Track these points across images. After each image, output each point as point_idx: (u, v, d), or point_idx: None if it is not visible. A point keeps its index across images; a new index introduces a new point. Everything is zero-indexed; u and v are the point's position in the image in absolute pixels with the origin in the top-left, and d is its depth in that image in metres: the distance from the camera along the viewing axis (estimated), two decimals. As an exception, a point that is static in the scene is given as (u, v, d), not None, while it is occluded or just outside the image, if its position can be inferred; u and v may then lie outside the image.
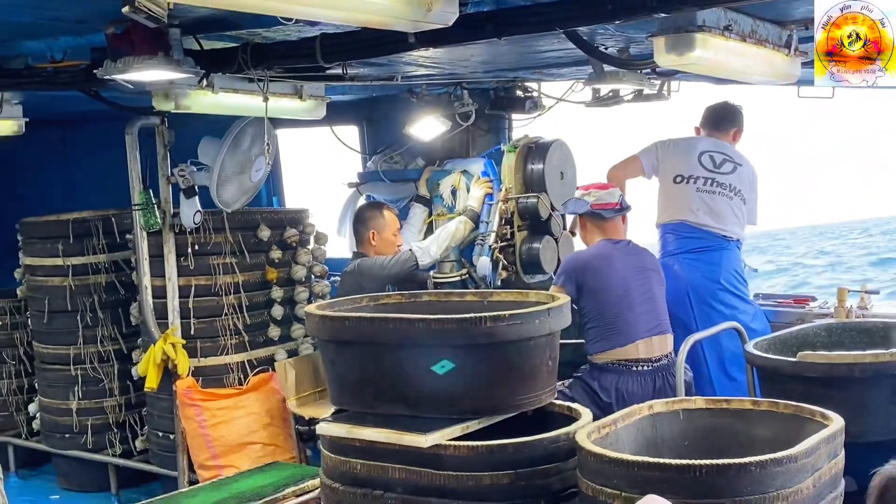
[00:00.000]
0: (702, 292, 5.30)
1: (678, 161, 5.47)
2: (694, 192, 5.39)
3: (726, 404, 4.01)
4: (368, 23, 2.42)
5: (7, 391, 6.77)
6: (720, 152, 5.44)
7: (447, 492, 3.66)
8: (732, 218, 5.35)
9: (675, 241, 5.46)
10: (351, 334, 4.04)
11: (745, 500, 3.10)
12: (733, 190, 5.34)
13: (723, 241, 5.35)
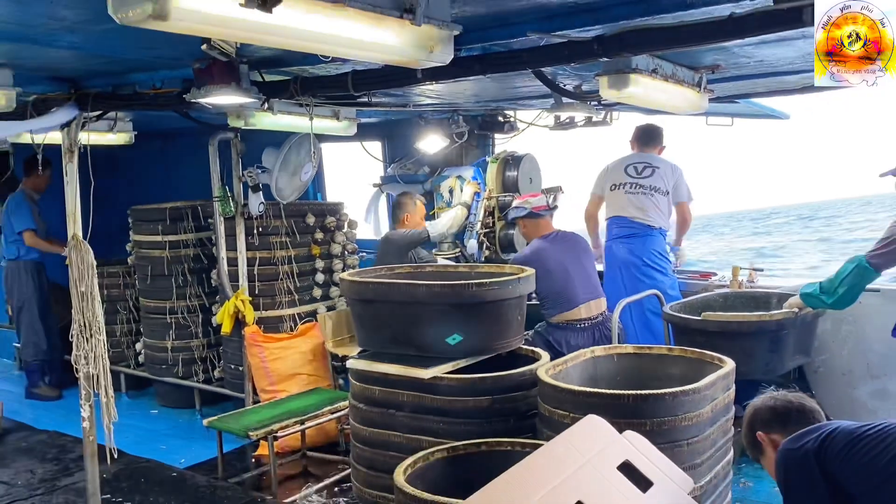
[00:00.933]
0: (630, 268, 5.30)
1: (612, 175, 5.48)
2: (623, 195, 5.39)
3: (649, 350, 4.00)
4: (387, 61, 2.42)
5: (120, 333, 6.77)
6: (642, 162, 5.43)
7: (442, 412, 3.67)
8: (654, 211, 5.31)
9: (613, 230, 5.47)
10: (372, 294, 4.03)
11: (660, 420, 3.11)
12: (654, 189, 5.31)
13: (647, 230, 5.32)
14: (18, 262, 6.61)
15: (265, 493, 4.49)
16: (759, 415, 2.86)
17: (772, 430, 2.79)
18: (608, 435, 2.28)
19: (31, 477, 4.75)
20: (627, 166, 5.44)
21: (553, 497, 1.91)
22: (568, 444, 2.20)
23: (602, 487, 2.04)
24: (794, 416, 3.17)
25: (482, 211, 5.91)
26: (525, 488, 1.91)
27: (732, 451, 3.63)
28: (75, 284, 3.65)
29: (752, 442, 2.87)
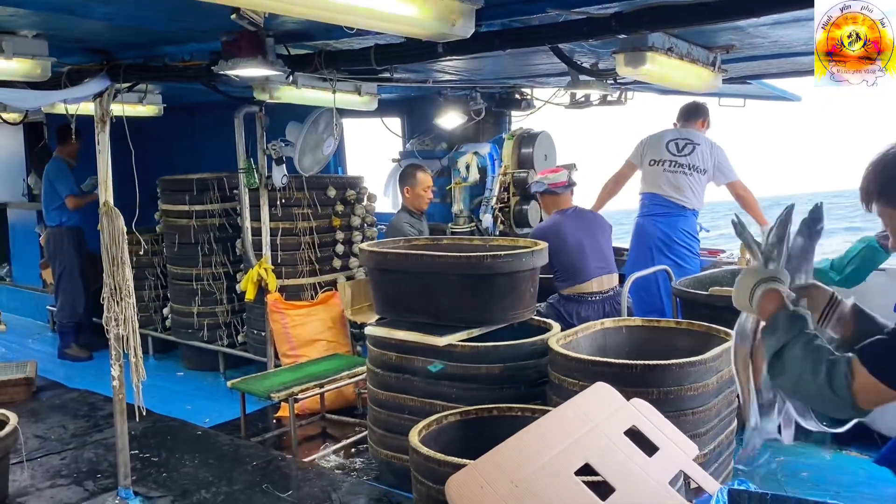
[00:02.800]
0: (660, 245, 5.20)
1: (652, 149, 5.30)
2: (661, 172, 5.24)
3: (657, 323, 3.99)
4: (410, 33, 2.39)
5: (148, 298, 6.81)
6: (683, 138, 5.25)
7: (455, 377, 3.68)
8: (690, 191, 5.17)
9: (647, 206, 5.32)
10: (390, 264, 4.04)
11: (667, 390, 3.11)
12: (693, 167, 5.15)
13: (681, 210, 5.20)
14: (61, 229, 6.65)
15: (285, 453, 4.52)
16: None
17: None
18: (616, 401, 2.28)
19: (63, 432, 4.82)
20: (669, 142, 5.26)
21: (562, 458, 1.91)
22: (577, 408, 2.20)
23: (609, 451, 2.04)
24: None
25: (497, 187, 5.87)
26: (535, 449, 1.91)
27: (735, 421, 3.62)
28: (107, 250, 3.67)
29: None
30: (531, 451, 1.89)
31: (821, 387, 1.65)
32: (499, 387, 3.62)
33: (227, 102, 5.44)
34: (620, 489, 1.93)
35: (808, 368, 1.67)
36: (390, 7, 2.08)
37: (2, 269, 8.99)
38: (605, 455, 2.00)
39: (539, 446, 1.93)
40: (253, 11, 2.35)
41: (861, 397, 1.61)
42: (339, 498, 3.83)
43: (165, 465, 4.23)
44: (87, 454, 4.44)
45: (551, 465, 1.88)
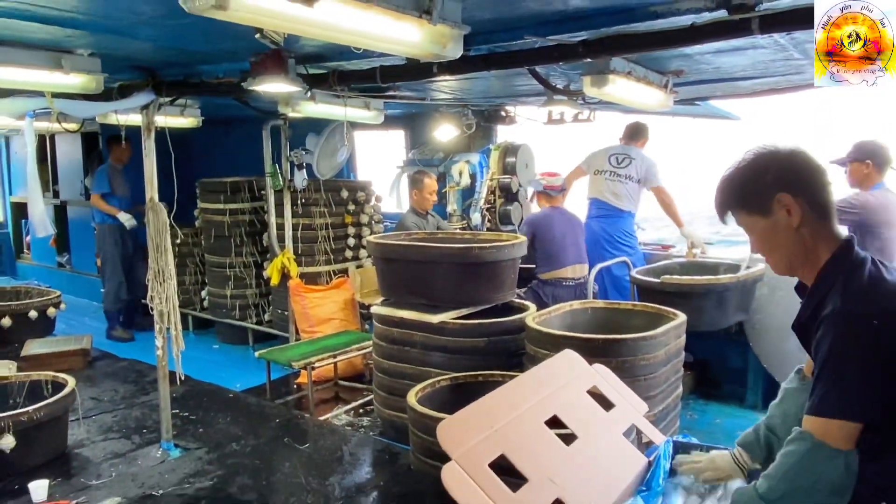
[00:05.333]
0: (604, 241, 5.28)
1: (598, 161, 5.41)
2: (603, 181, 5.34)
3: (617, 305, 4.02)
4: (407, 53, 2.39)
5: (189, 283, 6.82)
6: (623, 153, 5.35)
7: (447, 349, 3.70)
8: (627, 198, 5.25)
9: (593, 210, 5.43)
10: (393, 254, 4.06)
11: (623, 359, 3.13)
12: (628, 177, 5.25)
13: (619, 212, 5.28)
14: (104, 226, 6.61)
15: (304, 412, 4.54)
16: (797, 165, 1.58)
17: (811, 204, 1.56)
18: (581, 366, 2.29)
19: (114, 394, 4.81)
20: (611, 156, 5.37)
21: (534, 410, 1.92)
22: (548, 370, 2.21)
23: (573, 405, 2.06)
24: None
25: (485, 190, 5.89)
26: (512, 402, 1.92)
27: (681, 387, 3.64)
28: (152, 239, 3.67)
29: (756, 196, 1.59)
30: (509, 403, 1.91)
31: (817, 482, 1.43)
32: (483, 357, 3.64)
33: (256, 117, 5.45)
34: (582, 437, 1.95)
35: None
36: (390, 31, 2.09)
37: (62, 258, 8.97)
38: (570, 409, 2.02)
39: (516, 400, 1.94)
40: (274, 32, 2.35)
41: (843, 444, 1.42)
42: (348, 450, 3.84)
43: (202, 422, 4.24)
44: (135, 413, 4.44)
45: (525, 415, 1.90)
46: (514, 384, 2.05)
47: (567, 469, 1.80)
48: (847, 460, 1.41)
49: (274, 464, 3.65)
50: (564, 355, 2.30)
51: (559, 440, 1.88)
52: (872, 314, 1.42)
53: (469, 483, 1.60)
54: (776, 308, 4.45)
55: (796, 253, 1.57)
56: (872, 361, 1.40)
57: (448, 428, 1.72)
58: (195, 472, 3.55)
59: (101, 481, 3.47)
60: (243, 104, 4.25)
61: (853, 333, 1.42)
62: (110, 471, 3.59)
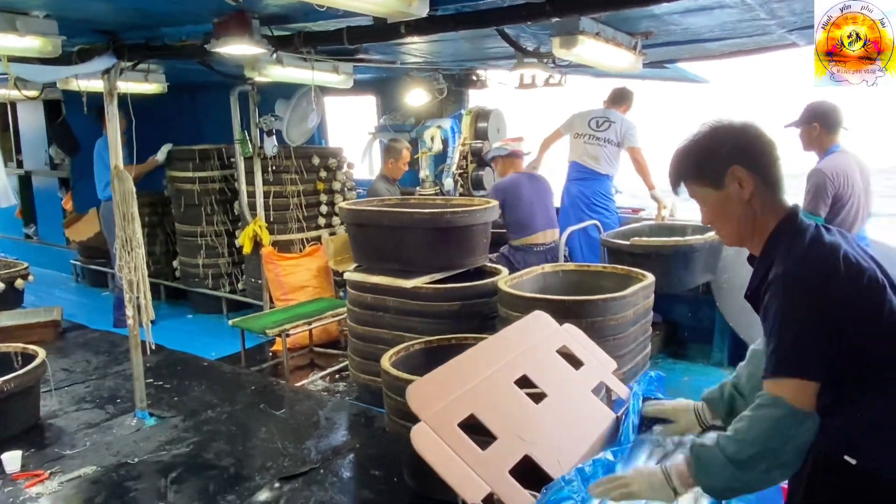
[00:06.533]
0: (582, 204, 5.27)
1: (578, 124, 5.35)
2: (582, 144, 5.29)
3: (588, 267, 4.04)
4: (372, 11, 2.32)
5: (159, 252, 6.71)
6: (603, 117, 5.30)
7: (421, 313, 3.70)
8: (605, 160, 5.22)
9: (571, 172, 5.39)
10: (366, 220, 4.02)
11: (593, 320, 3.16)
12: (607, 140, 5.21)
13: (597, 175, 5.25)
14: (111, 202, 6.32)
15: (279, 379, 4.54)
16: (750, 139, 1.60)
17: (763, 177, 1.59)
18: (550, 326, 2.31)
19: (87, 365, 4.76)
20: (591, 119, 5.31)
21: (504, 370, 1.94)
22: (518, 332, 2.23)
23: (543, 365, 2.08)
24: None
25: (457, 156, 5.85)
26: (483, 362, 1.94)
27: (650, 346, 3.71)
28: (118, 207, 3.59)
29: (710, 168, 1.61)
30: (479, 365, 1.92)
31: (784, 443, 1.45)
32: (457, 321, 3.65)
33: (224, 82, 5.31)
34: (551, 395, 1.97)
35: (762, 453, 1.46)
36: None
37: (29, 229, 8.76)
38: (539, 368, 2.04)
39: (486, 360, 1.96)
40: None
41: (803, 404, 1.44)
42: (324, 414, 3.86)
43: (176, 391, 4.22)
44: (108, 383, 4.41)
45: (495, 375, 1.91)
46: (483, 346, 2.07)
47: (536, 426, 1.83)
48: (814, 421, 1.45)
49: (250, 430, 3.66)
50: (534, 316, 2.32)
51: (528, 399, 1.90)
52: (812, 276, 1.45)
53: (438, 442, 1.61)
54: (742, 268, 4.52)
55: (746, 224, 1.61)
56: (816, 320, 1.44)
57: (418, 389, 1.73)
58: (171, 439, 3.55)
59: (76, 451, 3.45)
60: (208, 68, 4.13)
61: (796, 295, 1.46)
62: (84, 440, 3.57)
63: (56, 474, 3.21)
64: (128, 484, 3.10)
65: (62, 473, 3.21)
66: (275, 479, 3.08)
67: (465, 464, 1.60)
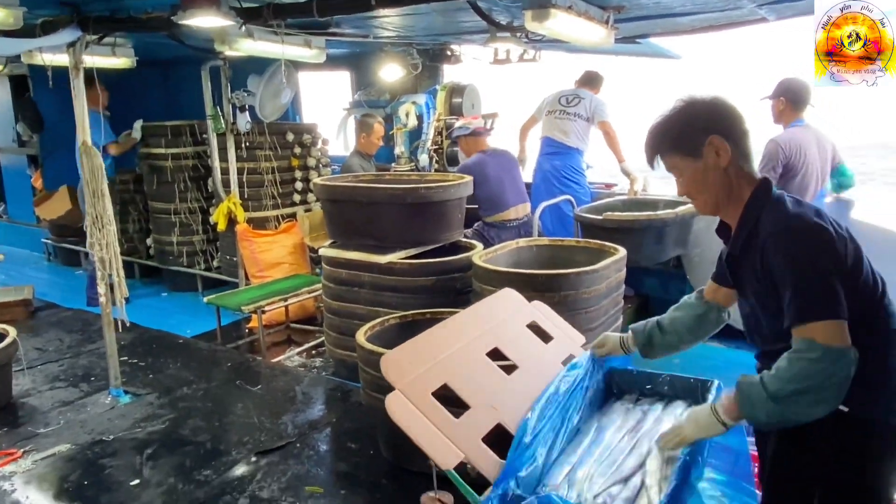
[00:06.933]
0: (553, 179, 5.32)
1: (549, 103, 5.41)
2: (553, 119, 5.34)
3: (561, 242, 4.05)
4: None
5: (133, 230, 6.59)
6: (574, 94, 5.36)
7: (395, 289, 3.70)
8: (575, 135, 5.27)
9: (544, 147, 5.43)
10: (339, 195, 3.99)
11: (565, 294, 3.17)
12: (577, 115, 5.26)
13: (567, 149, 5.29)
14: None
15: (256, 355, 4.52)
16: (724, 111, 1.68)
17: (737, 147, 1.66)
18: (520, 302, 2.33)
19: (60, 344, 4.70)
20: (561, 97, 5.38)
21: (476, 343, 1.95)
22: (489, 307, 2.24)
23: (513, 339, 2.10)
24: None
25: (432, 131, 5.81)
26: (455, 335, 1.95)
27: (622, 319, 3.74)
28: (87, 183, 3.52)
29: (689, 139, 1.67)
30: (452, 337, 1.93)
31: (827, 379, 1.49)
32: (432, 296, 3.64)
33: (196, 57, 5.19)
34: (521, 367, 2.00)
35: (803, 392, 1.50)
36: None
37: (-2, 208, 8.57)
38: (510, 342, 2.06)
39: (458, 334, 1.97)
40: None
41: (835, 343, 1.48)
42: (301, 389, 3.86)
43: (151, 368, 4.19)
44: (82, 361, 4.35)
45: (468, 347, 1.93)
46: (456, 319, 2.08)
47: (507, 396, 1.85)
48: (850, 356, 1.49)
49: (226, 406, 3.65)
50: (504, 293, 2.33)
51: (500, 370, 1.92)
52: (816, 229, 1.54)
53: (412, 410, 1.62)
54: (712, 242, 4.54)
55: (723, 192, 1.69)
56: (828, 264, 1.51)
57: (391, 360, 1.74)
58: (146, 416, 3.53)
59: (50, 429, 3.42)
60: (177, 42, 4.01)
61: (806, 244, 1.53)
62: (58, 419, 3.53)
63: (30, 453, 3.17)
64: (103, 461, 3.08)
65: (36, 452, 3.18)
66: (251, 454, 3.08)
67: (439, 431, 1.62)
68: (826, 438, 1.58)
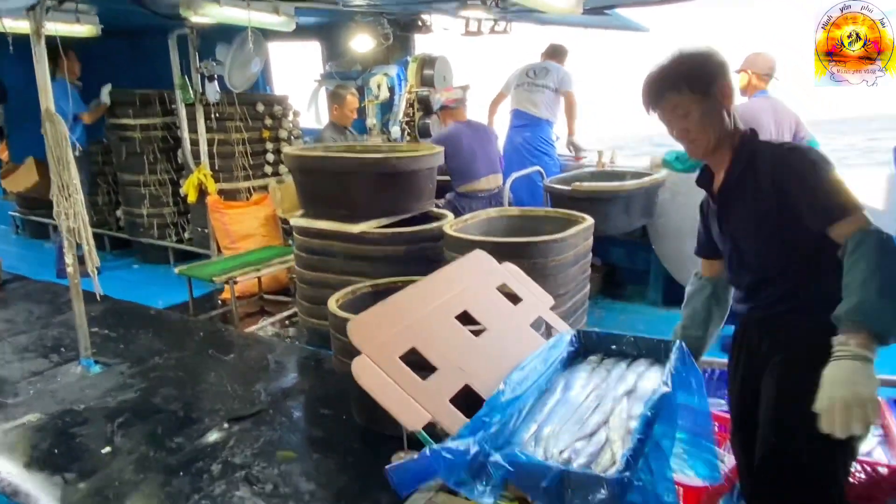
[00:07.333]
0: (523, 150, 5.32)
1: (517, 77, 5.40)
2: (522, 92, 5.34)
3: (531, 212, 4.06)
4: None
5: (102, 203, 6.44)
6: (540, 66, 5.37)
7: (367, 258, 3.68)
8: (544, 106, 5.27)
9: (514, 120, 5.42)
10: (311, 166, 3.93)
11: (534, 261, 3.19)
12: (544, 86, 5.26)
13: (537, 121, 5.30)
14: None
15: (228, 325, 4.47)
16: (724, 59, 1.74)
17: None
18: (491, 264, 2.32)
19: (29, 315, 4.59)
20: (529, 70, 5.39)
21: (445, 306, 1.94)
22: (459, 269, 2.23)
23: (483, 301, 2.09)
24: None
25: (404, 103, 5.73)
26: (424, 298, 1.93)
27: (589, 286, 3.77)
28: (51, 151, 3.40)
29: (702, 78, 1.70)
30: (421, 300, 1.92)
31: None
32: (403, 265, 3.62)
33: (163, 26, 5.02)
34: (491, 329, 1.99)
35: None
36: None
37: (-37, 181, 8.25)
38: (479, 304, 2.05)
39: (427, 296, 1.95)
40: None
41: None
42: (274, 358, 3.83)
43: (123, 339, 4.12)
44: (52, 332, 4.26)
45: (437, 310, 1.91)
46: (425, 283, 2.06)
47: (475, 358, 1.84)
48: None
49: (199, 375, 3.60)
50: (474, 255, 2.32)
51: (468, 332, 1.91)
52: (808, 147, 1.67)
53: (379, 374, 1.61)
54: (677, 212, 4.63)
55: (722, 132, 1.74)
56: (834, 169, 1.61)
57: (358, 324, 1.72)
58: (117, 386, 3.47)
59: (19, 399, 3.35)
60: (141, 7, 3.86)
61: (818, 157, 1.63)
62: (28, 389, 3.46)
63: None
64: (73, 430, 3.03)
65: (5, 421, 3.11)
66: (224, 421, 3.06)
67: (406, 393, 1.61)
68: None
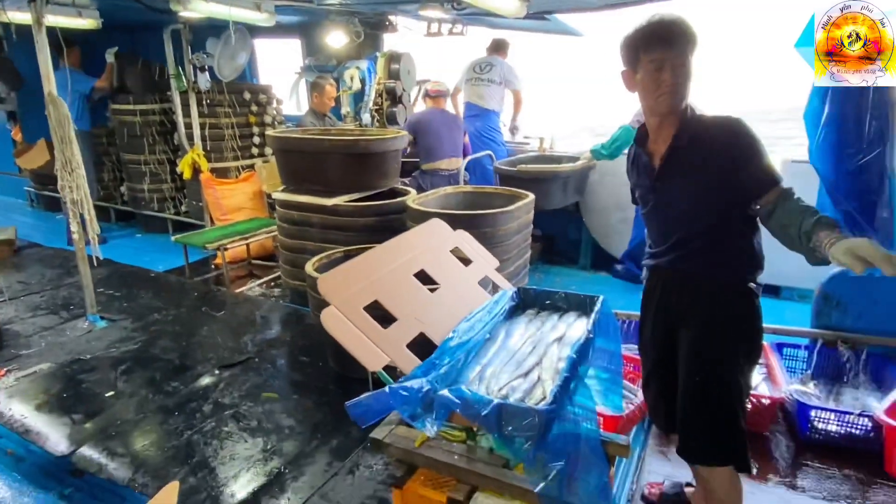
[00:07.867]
0: (475, 138, 5.23)
1: (467, 72, 5.28)
2: (471, 87, 5.24)
3: (482, 189, 4.00)
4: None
5: (108, 179, 6.13)
6: (485, 61, 5.25)
7: (341, 228, 3.58)
8: (490, 98, 5.18)
9: (466, 111, 5.32)
10: (290, 146, 3.79)
11: (484, 230, 3.15)
12: (490, 80, 5.16)
13: (485, 112, 5.21)
14: (79, 134, 5.54)
15: (220, 287, 4.33)
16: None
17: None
18: (446, 231, 2.26)
19: (41, 278, 4.36)
20: (475, 66, 5.27)
21: (405, 265, 1.89)
22: (418, 235, 2.17)
23: (438, 262, 2.04)
24: None
25: (373, 94, 5.56)
26: (386, 259, 1.87)
27: (530, 252, 3.75)
28: (55, 131, 3.18)
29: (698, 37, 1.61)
30: (383, 260, 1.86)
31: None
32: (372, 234, 3.55)
33: (159, 21, 4.74)
34: (444, 285, 1.95)
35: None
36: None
37: (-21, 158, 7.76)
38: (435, 264, 2.00)
39: (389, 257, 1.89)
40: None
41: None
42: (260, 314, 3.73)
43: (126, 298, 3.95)
44: (62, 293, 4.06)
45: (397, 269, 1.86)
46: (388, 245, 1.99)
47: (430, 310, 1.80)
48: None
49: (193, 329, 3.49)
50: (432, 222, 2.26)
51: (425, 288, 1.86)
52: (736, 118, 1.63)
53: (345, 322, 1.55)
54: (604, 191, 4.64)
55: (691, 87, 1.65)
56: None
57: (328, 280, 1.65)
58: (120, 338, 3.33)
59: (32, 350, 3.19)
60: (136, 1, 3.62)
61: (749, 128, 1.59)
62: (40, 342, 3.29)
63: (13, 371, 2.95)
64: (81, 377, 2.89)
65: (19, 370, 2.96)
66: (215, 368, 2.97)
67: (368, 339, 1.55)
68: (740, 310, 1.64)
